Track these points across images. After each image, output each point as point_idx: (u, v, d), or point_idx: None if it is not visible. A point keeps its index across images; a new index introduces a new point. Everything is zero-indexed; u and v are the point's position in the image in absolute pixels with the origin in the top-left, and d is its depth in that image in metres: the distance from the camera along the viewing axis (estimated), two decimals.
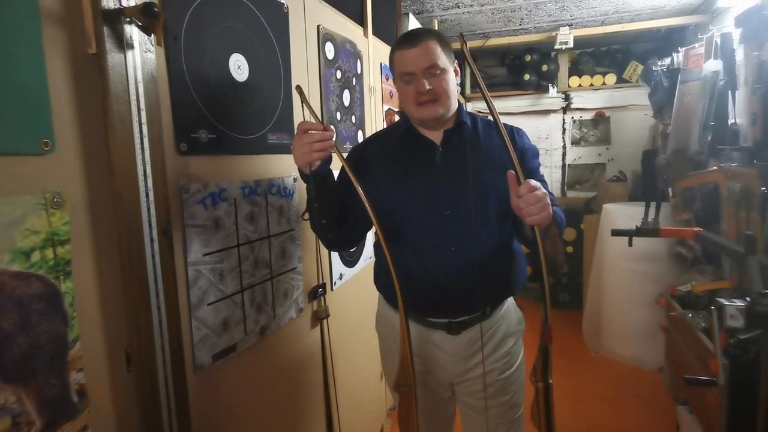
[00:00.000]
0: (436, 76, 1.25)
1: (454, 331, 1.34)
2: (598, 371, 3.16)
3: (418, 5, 3.18)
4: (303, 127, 1.15)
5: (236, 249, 1.28)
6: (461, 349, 1.36)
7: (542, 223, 1.10)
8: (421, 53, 1.23)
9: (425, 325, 1.37)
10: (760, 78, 1.93)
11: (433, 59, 1.23)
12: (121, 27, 0.91)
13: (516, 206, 1.10)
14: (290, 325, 1.53)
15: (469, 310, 1.34)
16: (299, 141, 1.15)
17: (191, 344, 1.13)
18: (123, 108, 0.92)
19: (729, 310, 1.10)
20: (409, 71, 1.25)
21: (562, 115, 4.59)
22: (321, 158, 1.16)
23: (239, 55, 1.27)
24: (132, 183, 0.94)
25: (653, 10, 3.52)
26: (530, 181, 1.08)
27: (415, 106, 1.28)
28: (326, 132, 1.14)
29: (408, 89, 1.27)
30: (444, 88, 1.26)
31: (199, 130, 1.15)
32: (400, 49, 1.27)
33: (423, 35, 1.25)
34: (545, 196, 1.09)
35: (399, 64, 1.28)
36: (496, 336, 1.38)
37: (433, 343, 1.38)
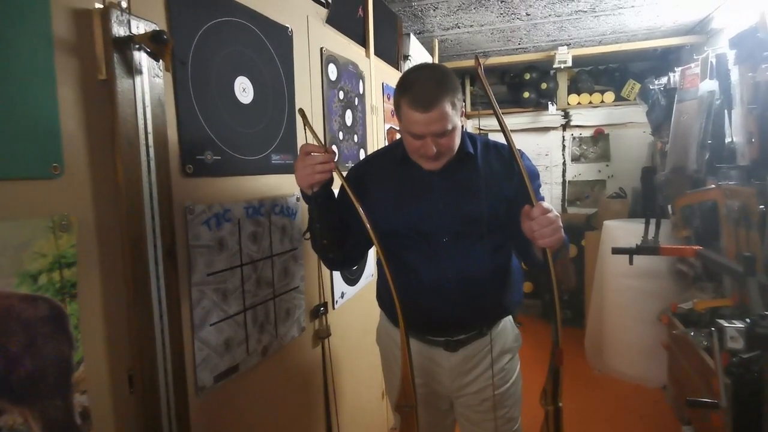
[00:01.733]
0: (445, 137, 1.20)
1: (452, 349, 1.38)
2: (600, 390, 3.14)
3: (419, 25, 3.23)
4: (305, 150, 1.17)
5: (239, 269, 1.28)
6: (459, 365, 1.39)
7: (554, 245, 1.09)
8: (434, 119, 1.16)
9: (425, 342, 1.40)
10: (755, 99, 1.96)
11: (445, 125, 1.17)
12: (130, 54, 0.93)
13: (528, 229, 1.09)
14: (292, 345, 1.53)
15: (467, 330, 1.37)
16: (302, 163, 1.16)
17: (193, 365, 1.13)
18: (131, 132, 0.94)
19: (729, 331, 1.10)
20: (417, 132, 1.20)
21: (562, 132, 4.62)
22: (323, 180, 1.18)
23: (244, 77, 1.30)
24: (138, 205, 0.96)
25: (649, 31, 3.57)
26: (542, 204, 1.08)
27: (419, 158, 1.27)
28: (328, 154, 1.16)
29: (414, 143, 1.23)
30: (450, 147, 1.24)
31: (205, 152, 1.17)
32: (411, 108, 1.17)
33: (437, 96, 1.15)
34: (557, 219, 1.09)
35: (408, 121, 1.20)
36: (493, 352, 1.40)
37: (433, 360, 1.41)
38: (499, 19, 3.16)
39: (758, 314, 1.09)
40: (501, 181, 1.32)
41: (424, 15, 3.01)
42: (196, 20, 1.14)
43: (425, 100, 1.15)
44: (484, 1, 2.79)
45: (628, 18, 3.24)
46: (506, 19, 3.17)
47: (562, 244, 1.15)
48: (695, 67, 2.81)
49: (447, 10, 2.93)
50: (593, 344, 3.49)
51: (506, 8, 2.94)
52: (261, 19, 1.36)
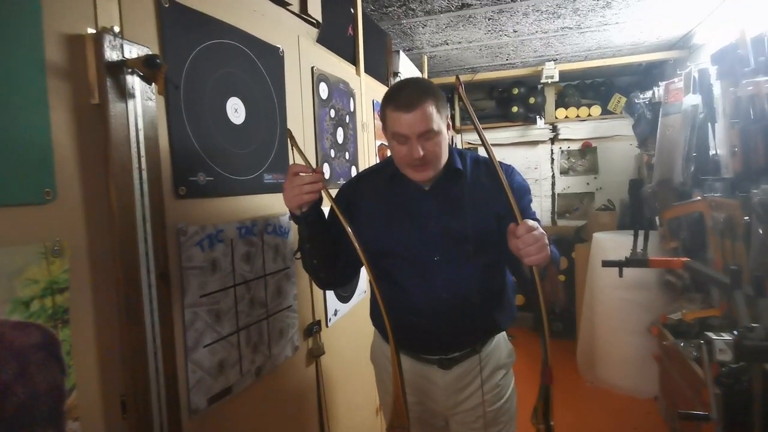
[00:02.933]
0: (430, 140, 1.22)
1: (446, 367, 1.38)
2: (593, 402, 3.15)
3: (408, 42, 3.27)
4: (293, 170, 1.16)
5: (233, 289, 1.28)
6: (453, 382, 1.39)
7: (541, 263, 1.09)
8: (417, 119, 1.19)
9: (418, 360, 1.40)
10: (737, 113, 2.00)
11: (429, 124, 1.20)
12: (123, 78, 0.94)
13: (514, 247, 1.09)
14: (286, 364, 1.52)
15: (459, 348, 1.37)
16: (289, 183, 1.16)
17: (186, 388, 1.12)
18: (124, 156, 0.94)
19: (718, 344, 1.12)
20: (402, 133, 1.22)
21: (550, 146, 4.68)
22: (311, 200, 1.18)
23: (236, 98, 1.31)
24: (131, 229, 0.95)
25: (634, 46, 3.64)
26: (528, 222, 1.08)
27: (406, 167, 1.27)
28: (316, 174, 1.16)
29: (400, 149, 1.24)
30: (436, 153, 1.24)
31: (198, 173, 1.17)
32: (395, 111, 1.21)
33: (419, 98, 1.19)
34: (543, 237, 1.09)
35: (393, 124, 1.23)
36: (486, 369, 1.40)
37: (427, 378, 1.41)
38: (487, 36, 3.22)
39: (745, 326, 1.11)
40: (491, 197, 1.31)
41: (413, 32, 3.05)
42: (189, 43, 1.15)
43: (408, 101, 1.19)
44: (472, 19, 2.84)
45: (613, 34, 3.32)
46: (494, 36, 3.22)
47: (550, 261, 1.15)
48: (678, 82, 2.87)
49: (435, 27, 2.98)
50: (585, 356, 3.50)
51: (494, 25, 2.99)
52: (252, 41, 1.37)
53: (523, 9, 2.72)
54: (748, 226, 1.90)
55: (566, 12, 2.82)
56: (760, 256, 1.70)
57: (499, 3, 2.60)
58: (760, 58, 2.00)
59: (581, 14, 2.87)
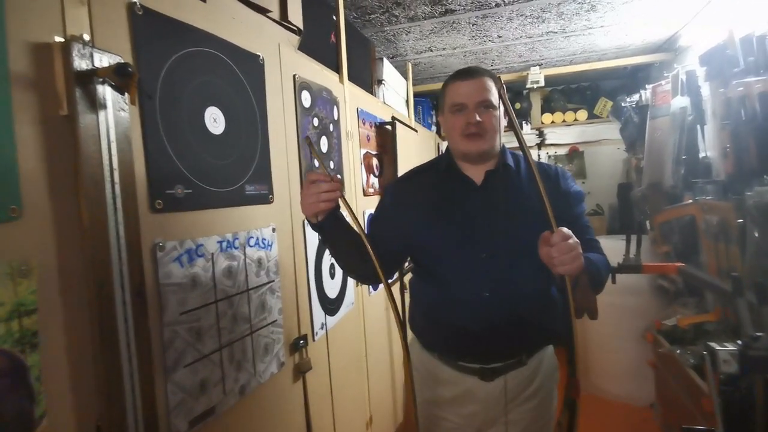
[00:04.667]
0: (487, 112, 1.25)
1: (487, 378, 1.31)
2: (588, 410, 3.11)
3: (392, 50, 3.25)
4: (311, 178, 1.17)
5: (214, 305, 1.23)
6: (496, 397, 1.31)
7: (573, 273, 1.06)
8: (477, 87, 1.25)
9: (459, 370, 1.33)
10: (727, 114, 1.99)
11: (487, 95, 1.25)
12: (93, 88, 0.90)
13: (546, 255, 1.06)
14: (271, 381, 1.47)
15: (503, 357, 1.30)
16: (306, 191, 1.16)
17: (166, 411, 1.07)
18: (95, 169, 0.90)
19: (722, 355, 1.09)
20: (461, 102, 1.27)
21: (538, 151, 4.67)
22: (328, 208, 1.17)
23: (215, 108, 1.27)
24: (104, 246, 0.91)
25: (619, 49, 3.65)
26: (563, 229, 1.06)
27: (461, 138, 1.28)
28: (333, 183, 1.15)
29: (457, 120, 1.28)
30: (492, 125, 1.26)
31: (175, 186, 1.12)
32: (455, 81, 1.29)
33: (480, 71, 1.28)
34: (577, 246, 1.06)
35: (451, 94, 1.29)
36: (533, 385, 1.33)
37: (466, 389, 1.34)
38: (471, 42, 3.21)
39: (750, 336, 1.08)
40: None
41: (396, 39, 3.03)
42: (164, 51, 1.11)
43: (469, 71, 1.29)
44: (456, 25, 2.83)
45: (598, 38, 3.32)
46: (478, 42, 3.21)
47: (582, 272, 1.11)
48: (666, 84, 2.87)
49: (419, 34, 2.96)
50: (578, 364, 3.46)
51: (477, 31, 2.98)
52: (231, 48, 1.34)
53: (507, 14, 2.71)
54: (742, 229, 1.88)
55: (551, 16, 2.82)
56: (756, 260, 1.68)
57: (482, 8, 2.59)
58: (749, 58, 2.00)
59: (566, 18, 2.87)
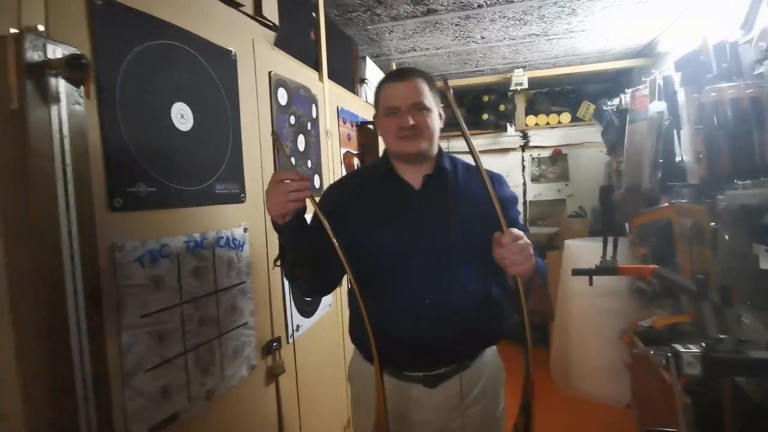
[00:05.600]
0: (421, 114, 1.24)
1: (431, 384, 1.27)
2: (566, 411, 3.12)
3: (375, 49, 3.23)
4: (277, 177, 1.10)
5: (179, 308, 1.19)
6: (441, 402, 1.28)
7: (525, 273, 1.05)
8: (409, 89, 1.24)
9: (402, 379, 1.29)
10: (701, 119, 2.00)
11: (420, 97, 1.23)
12: (46, 80, 0.86)
13: (499, 256, 1.06)
14: (241, 385, 1.43)
15: (446, 362, 1.28)
16: (274, 191, 1.09)
17: (124, 417, 1.03)
18: (46, 165, 0.86)
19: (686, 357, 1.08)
20: (394, 105, 1.25)
21: (521, 153, 4.68)
22: (295, 208, 1.11)
23: (182, 104, 1.23)
24: (55, 246, 0.87)
25: (601, 54, 3.68)
26: (513, 230, 1.05)
27: (396, 140, 1.26)
28: (302, 181, 1.09)
29: (391, 123, 1.26)
30: (428, 125, 1.25)
31: (137, 183, 1.08)
32: (387, 83, 1.28)
33: (412, 72, 1.27)
34: (529, 246, 1.06)
35: (385, 97, 1.28)
36: (477, 388, 1.31)
37: (411, 399, 1.29)
38: (455, 43, 3.20)
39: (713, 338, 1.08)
40: (483, 203, 1.27)
41: (379, 38, 3.01)
42: (126, 43, 1.07)
43: (400, 73, 1.28)
44: (439, 25, 2.82)
45: (580, 41, 3.34)
46: (462, 43, 3.20)
47: (536, 272, 1.10)
48: (644, 89, 2.89)
49: (402, 33, 2.94)
50: (558, 365, 3.48)
51: (461, 32, 2.97)
52: (200, 42, 1.30)
53: (490, 15, 2.70)
54: (714, 232, 1.89)
55: (533, 19, 2.82)
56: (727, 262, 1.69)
57: (465, 9, 2.58)
58: (722, 64, 2.01)
59: (547, 21, 2.87)
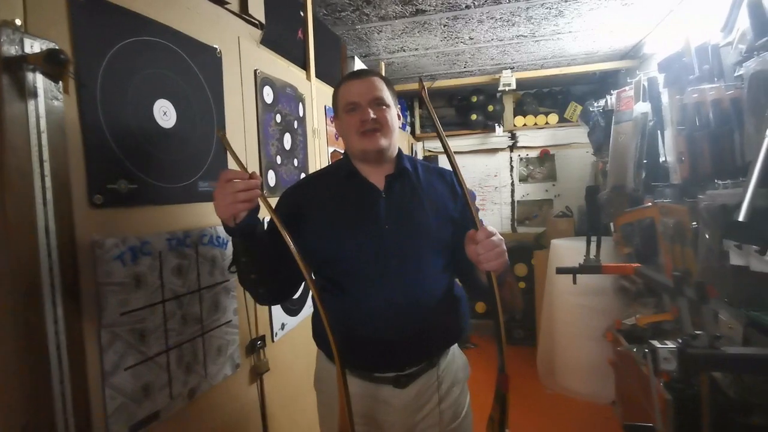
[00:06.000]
0: (381, 109, 1.24)
1: (402, 385, 1.26)
2: (551, 409, 3.14)
3: (364, 48, 3.23)
4: (225, 177, 1.05)
5: (161, 305, 1.19)
6: (411, 402, 1.27)
7: (499, 269, 1.07)
8: (368, 86, 1.24)
9: (371, 381, 1.27)
10: (683, 120, 2.03)
11: (379, 93, 1.24)
12: (22, 75, 0.85)
13: (473, 253, 1.06)
14: (225, 384, 1.43)
15: (417, 362, 1.27)
16: (221, 191, 1.04)
17: (104, 416, 1.02)
18: (23, 161, 0.85)
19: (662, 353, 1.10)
20: (353, 101, 1.24)
21: (510, 153, 4.72)
22: (246, 209, 1.06)
23: (165, 101, 1.22)
24: (32, 242, 0.86)
25: (588, 55, 3.71)
26: (487, 227, 1.06)
27: (357, 136, 1.24)
28: (251, 180, 1.05)
29: (352, 118, 1.24)
30: (388, 121, 1.25)
31: (118, 180, 1.08)
32: (345, 82, 1.28)
33: (370, 72, 1.29)
34: (502, 242, 1.07)
35: (344, 95, 1.27)
36: (444, 385, 1.32)
37: (381, 400, 1.28)
38: (443, 43, 3.20)
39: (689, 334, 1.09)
40: (446, 201, 1.30)
41: (368, 38, 3.00)
42: (107, 39, 1.06)
43: (359, 72, 1.30)
44: (427, 25, 2.82)
45: (567, 43, 3.36)
46: (450, 43, 3.21)
47: (506, 268, 1.12)
48: (629, 90, 2.91)
49: (391, 33, 2.94)
50: (544, 363, 3.50)
51: (449, 32, 2.98)
52: (184, 39, 1.29)
53: (478, 16, 2.71)
54: (695, 232, 1.92)
55: (520, 20, 2.83)
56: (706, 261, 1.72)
57: (453, 9, 2.59)
58: (704, 66, 2.04)
59: (535, 22, 2.89)
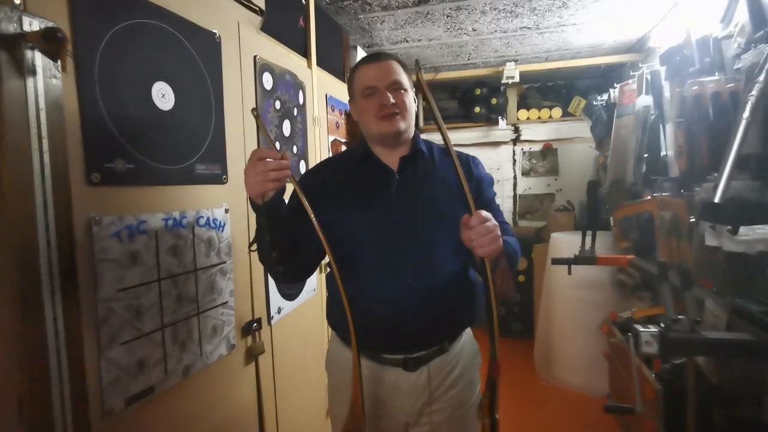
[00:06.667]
0: (399, 93, 1.24)
1: (410, 368, 1.27)
2: (546, 401, 3.16)
3: (367, 39, 3.23)
4: (257, 155, 1.07)
5: (157, 284, 1.22)
6: (419, 386, 1.28)
7: (492, 254, 1.08)
8: (386, 69, 1.24)
9: (379, 362, 1.28)
10: (682, 112, 2.03)
11: (397, 77, 1.24)
12: (21, 53, 0.87)
13: (466, 238, 1.08)
14: (220, 363, 1.46)
15: (426, 345, 1.27)
16: (253, 169, 1.06)
17: (100, 387, 1.05)
18: (21, 138, 0.87)
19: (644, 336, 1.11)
20: (371, 85, 1.24)
21: (513, 147, 4.71)
22: (276, 188, 1.09)
23: (163, 83, 1.24)
24: (29, 215, 0.89)
25: (592, 48, 3.69)
26: (481, 212, 1.07)
27: (376, 120, 1.25)
28: (283, 161, 1.07)
29: (370, 103, 1.25)
30: (406, 105, 1.26)
31: (116, 159, 1.10)
32: (362, 66, 1.28)
33: (387, 55, 1.29)
34: (496, 228, 1.07)
35: (361, 79, 1.27)
36: (455, 371, 1.31)
37: (388, 383, 1.28)
38: (447, 34, 3.20)
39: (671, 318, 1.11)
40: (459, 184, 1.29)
41: (371, 28, 3.01)
42: (106, 20, 1.08)
43: (376, 56, 1.28)
44: (430, 15, 2.82)
45: (571, 35, 3.35)
46: (453, 34, 3.21)
47: (503, 254, 1.12)
48: (632, 83, 2.91)
49: (394, 23, 2.95)
50: (542, 356, 3.52)
51: (452, 23, 2.98)
52: (183, 23, 1.31)
53: (481, 6, 2.71)
54: (692, 225, 1.92)
55: (524, 11, 2.83)
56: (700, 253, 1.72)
57: (456, 0, 2.59)
58: (705, 58, 2.04)
59: (538, 14, 2.88)
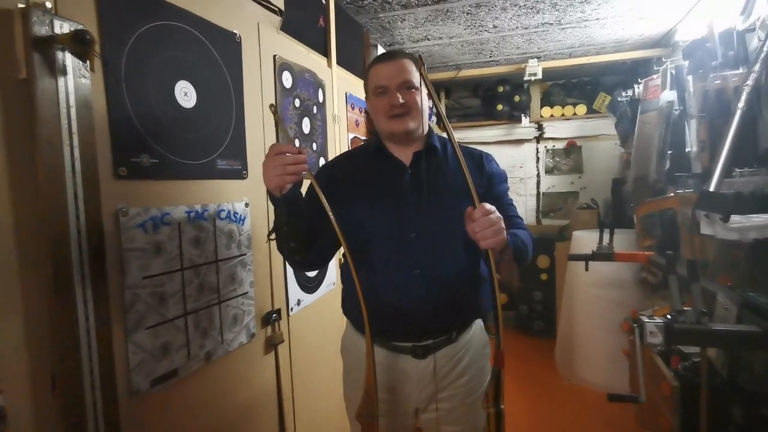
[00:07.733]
0: (409, 92, 1.28)
1: (419, 356, 1.32)
2: (567, 399, 3.14)
3: (388, 37, 3.27)
4: (276, 150, 1.12)
5: (180, 273, 1.28)
6: (427, 374, 1.33)
7: (496, 247, 1.10)
8: (397, 69, 1.28)
9: (391, 350, 1.34)
10: (704, 107, 2.00)
11: (407, 76, 1.28)
12: (52, 53, 0.94)
13: (470, 230, 1.10)
14: (240, 351, 1.52)
15: (433, 334, 1.32)
16: (271, 163, 1.11)
17: (127, 369, 1.12)
18: (53, 133, 0.94)
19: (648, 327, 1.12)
20: (382, 84, 1.29)
21: (536, 145, 4.68)
22: (293, 182, 1.14)
23: (186, 82, 1.30)
24: (61, 206, 0.95)
25: (617, 44, 3.64)
26: (485, 205, 1.10)
27: (386, 119, 1.30)
28: (300, 155, 1.12)
29: (380, 102, 1.30)
30: (416, 103, 1.29)
31: (141, 154, 1.17)
32: (375, 64, 1.33)
33: (400, 54, 1.32)
34: (500, 220, 1.10)
35: (373, 78, 1.32)
36: (464, 361, 1.35)
37: (399, 369, 1.34)
38: (467, 32, 3.21)
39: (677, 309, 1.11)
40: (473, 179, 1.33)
41: (392, 27, 3.05)
42: (132, 22, 1.14)
43: (388, 54, 1.33)
44: (450, 13, 2.84)
45: (595, 30, 3.31)
46: (474, 32, 3.22)
47: (506, 246, 1.15)
48: (657, 79, 2.87)
49: (414, 22, 2.97)
50: (563, 354, 3.49)
51: (473, 20, 2.99)
52: (204, 24, 1.37)
53: (501, 3, 2.72)
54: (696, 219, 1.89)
55: (545, 7, 2.82)
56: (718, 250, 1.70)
57: None
58: (728, 52, 2.00)
59: (560, 9, 2.87)
